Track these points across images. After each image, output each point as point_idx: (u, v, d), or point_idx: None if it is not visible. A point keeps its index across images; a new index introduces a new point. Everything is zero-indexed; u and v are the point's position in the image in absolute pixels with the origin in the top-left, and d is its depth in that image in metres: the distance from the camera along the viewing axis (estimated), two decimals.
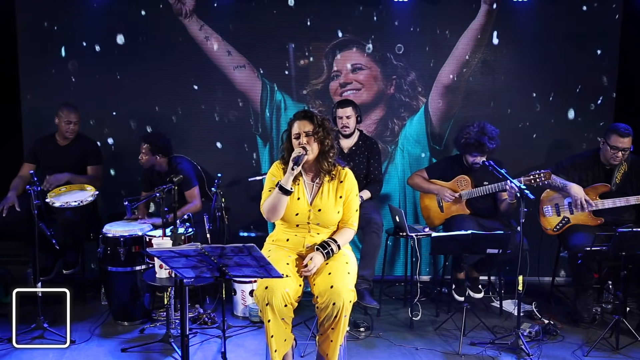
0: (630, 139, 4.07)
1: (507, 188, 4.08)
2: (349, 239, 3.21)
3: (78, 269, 4.63)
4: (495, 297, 4.57)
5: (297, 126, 3.06)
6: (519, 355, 3.61)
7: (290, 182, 2.98)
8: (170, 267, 2.80)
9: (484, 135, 4.25)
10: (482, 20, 4.97)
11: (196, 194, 4.43)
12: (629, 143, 4.06)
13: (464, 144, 4.34)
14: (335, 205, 3.13)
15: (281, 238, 3.18)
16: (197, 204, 4.42)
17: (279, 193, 2.99)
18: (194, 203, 4.40)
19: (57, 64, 4.99)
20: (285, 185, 2.98)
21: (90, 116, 5.01)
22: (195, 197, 4.43)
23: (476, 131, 4.28)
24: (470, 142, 4.29)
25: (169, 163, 4.49)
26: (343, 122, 4.34)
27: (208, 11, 4.97)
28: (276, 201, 3.02)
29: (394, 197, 5.18)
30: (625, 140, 4.05)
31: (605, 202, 4.14)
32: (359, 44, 5.02)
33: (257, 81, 5.08)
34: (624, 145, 4.05)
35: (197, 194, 4.44)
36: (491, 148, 4.29)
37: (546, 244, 4.53)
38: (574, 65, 5.02)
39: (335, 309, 2.86)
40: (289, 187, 2.99)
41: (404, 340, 3.88)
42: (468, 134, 4.31)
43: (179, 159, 4.52)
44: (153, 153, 4.41)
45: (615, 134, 4.07)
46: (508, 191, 4.07)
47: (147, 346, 3.68)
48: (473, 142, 4.27)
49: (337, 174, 3.14)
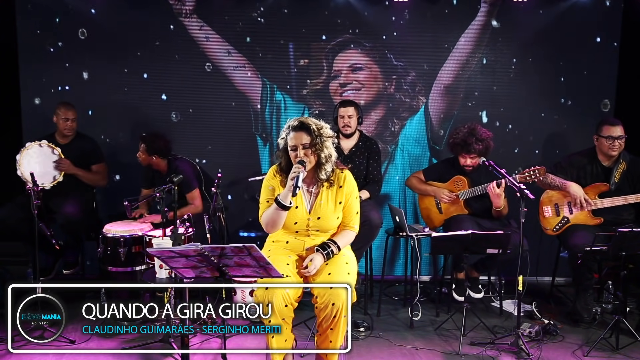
0: (622, 127, 4.10)
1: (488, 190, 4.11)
2: (350, 241, 3.21)
3: (78, 269, 4.63)
4: (495, 297, 4.57)
5: (294, 138, 3.00)
6: (519, 355, 3.61)
7: (289, 198, 2.95)
8: (170, 267, 2.80)
9: (472, 136, 4.24)
10: (482, 20, 4.97)
11: (197, 196, 4.43)
12: (621, 131, 4.10)
13: (452, 143, 4.36)
14: (334, 211, 3.12)
15: (281, 239, 3.18)
16: (198, 205, 4.42)
17: (277, 209, 2.97)
18: (193, 205, 4.40)
19: (58, 64, 5.00)
20: (283, 201, 2.95)
21: (91, 116, 5.02)
22: (196, 199, 4.43)
23: (465, 132, 4.27)
24: (456, 142, 4.30)
25: (168, 164, 4.48)
26: (345, 122, 4.35)
27: (208, 11, 4.97)
28: (275, 216, 3.01)
29: (394, 197, 5.18)
30: (617, 128, 4.09)
31: (604, 202, 4.14)
32: (359, 44, 5.02)
33: (257, 81, 5.08)
34: (617, 133, 4.08)
35: (197, 195, 4.43)
36: (477, 149, 4.24)
37: (546, 244, 4.53)
38: (574, 64, 5.02)
39: (334, 310, 2.86)
40: (288, 203, 2.96)
41: (404, 340, 3.88)
42: (457, 134, 4.32)
43: (178, 160, 4.49)
44: (149, 153, 4.39)
45: (605, 125, 4.12)
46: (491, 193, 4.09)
47: (147, 346, 3.68)
48: (459, 141, 4.28)
49: (335, 179, 3.12)
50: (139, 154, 4.43)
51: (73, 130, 4.59)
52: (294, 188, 2.88)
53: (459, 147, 4.30)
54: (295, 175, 2.90)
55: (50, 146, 4.39)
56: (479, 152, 4.25)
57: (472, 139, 4.23)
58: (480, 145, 4.24)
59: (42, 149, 4.38)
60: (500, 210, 4.22)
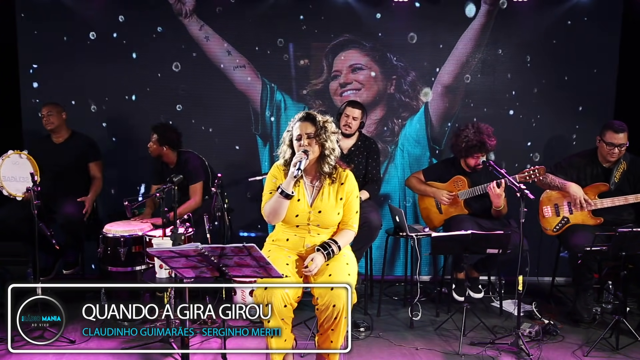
0: (626, 135, 4.07)
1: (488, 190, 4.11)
2: (349, 241, 3.21)
3: (78, 269, 4.63)
4: (495, 297, 4.57)
5: (299, 128, 3.06)
6: (519, 355, 3.61)
7: (292, 186, 2.98)
8: (170, 267, 2.80)
9: (482, 134, 4.26)
10: (482, 20, 4.97)
11: (198, 190, 4.45)
12: (624, 139, 4.07)
13: (466, 147, 4.30)
14: (335, 206, 3.13)
15: (281, 238, 3.18)
16: (197, 200, 4.43)
17: (280, 197, 2.99)
18: (193, 199, 4.41)
19: (58, 63, 4.99)
20: (286, 189, 2.98)
21: (91, 116, 5.02)
22: (197, 193, 4.44)
23: (473, 132, 4.28)
24: (472, 144, 4.27)
25: (177, 157, 4.51)
26: (347, 121, 4.35)
27: (208, 11, 4.97)
28: (277, 205, 3.02)
29: (394, 197, 5.18)
30: (620, 136, 4.06)
31: (604, 202, 4.14)
32: (359, 44, 5.02)
33: (257, 81, 5.08)
34: (619, 141, 4.06)
35: (199, 189, 4.46)
36: (492, 144, 4.29)
37: (546, 244, 4.53)
38: (574, 64, 5.02)
39: (335, 311, 2.87)
40: (290, 191, 2.99)
41: (404, 340, 3.88)
42: (467, 137, 4.30)
43: (188, 153, 4.54)
44: (160, 144, 4.44)
45: (610, 130, 4.08)
46: (491, 193, 4.09)
47: (147, 346, 3.68)
48: (475, 143, 4.26)
49: (337, 176, 3.14)
50: (150, 144, 4.46)
51: (53, 125, 4.56)
52: (296, 170, 2.92)
53: (476, 149, 4.28)
54: (298, 160, 2.95)
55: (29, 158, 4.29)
56: (493, 147, 4.30)
57: (485, 137, 4.25)
58: (493, 140, 4.28)
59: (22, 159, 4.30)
60: (500, 210, 4.23)
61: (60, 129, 4.60)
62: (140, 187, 4.04)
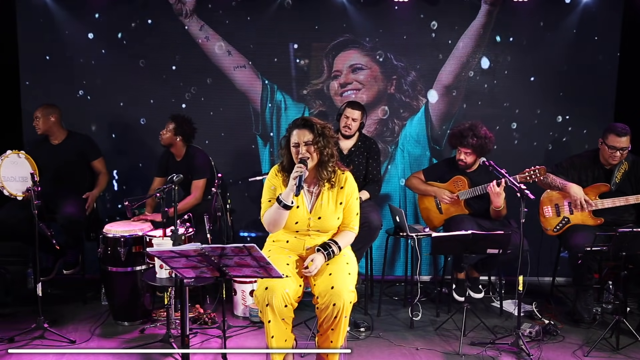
0: (628, 138, 4.06)
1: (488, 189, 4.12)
2: (350, 242, 3.21)
3: (78, 269, 4.63)
4: (495, 297, 4.57)
5: (296, 135, 3.01)
6: (519, 355, 3.61)
7: (291, 197, 2.96)
8: (170, 267, 2.80)
9: (470, 131, 4.26)
10: (482, 20, 4.97)
11: (200, 186, 4.46)
12: (626, 142, 4.06)
13: (450, 134, 4.43)
14: (335, 212, 3.12)
15: (281, 239, 3.18)
16: (197, 196, 4.44)
17: (279, 208, 2.97)
18: (193, 195, 4.42)
19: (58, 63, 5.00)
20: (285, 200, 2.96)
21: (91, 115, 5.02)
22: (198, 189, 4.45)
23: (466, 126, 4.30)
24: (454, 133, 4.37)
25: (186, 151, 4.52)
26: (347, 123, 4.34)
27: (208, 11, 4.97)
28: (277, 216, 3.01)
29: (394, 197, 5.18)
30: (623, 139, 4.05)
31: (604, 202, 4.14)
32: (359, 44, 5.02)
33: (257, 81, 5.08)
34: (622, 144, 4.05)
35: (201, 186, 4.46)
36: (471, 144, 4.25)
37: (546, 244, 4.53)
38: (575, 64, 5.02)
39: (335, 310, 2.86)
40: (290, 202, 2.96)
41: (404, 340, 3.87)
42: (457, 126, 4.39)
43: (197, 149, 4.56)
44: (175, 134, 4.46)
45: (612, 134, 4.06)
46: (491, 192, 4.10)
47: (147, 346, 3.68)
48: (456, 132, 4.33)
49: (337, 180, 3.12)
50: (164, 132, 4.47)
51: (41, 130, 4.52)
52: (296, 188, 2.88)
53: (455, 139, 4.35)
54: (298, 174, 2.91)
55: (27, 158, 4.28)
56: (472, 147, 4.27)
57: (470, 132, 4.25)
58: (474, 141, 4.24)
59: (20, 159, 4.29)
60: (499, 211, 4.22)
61: (53, 132, 4.55)
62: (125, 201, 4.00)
